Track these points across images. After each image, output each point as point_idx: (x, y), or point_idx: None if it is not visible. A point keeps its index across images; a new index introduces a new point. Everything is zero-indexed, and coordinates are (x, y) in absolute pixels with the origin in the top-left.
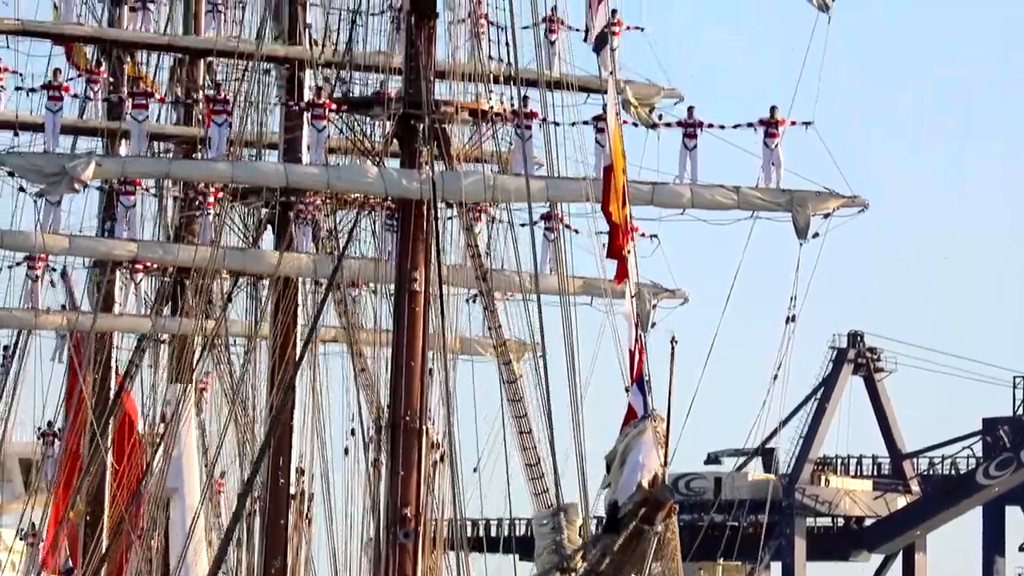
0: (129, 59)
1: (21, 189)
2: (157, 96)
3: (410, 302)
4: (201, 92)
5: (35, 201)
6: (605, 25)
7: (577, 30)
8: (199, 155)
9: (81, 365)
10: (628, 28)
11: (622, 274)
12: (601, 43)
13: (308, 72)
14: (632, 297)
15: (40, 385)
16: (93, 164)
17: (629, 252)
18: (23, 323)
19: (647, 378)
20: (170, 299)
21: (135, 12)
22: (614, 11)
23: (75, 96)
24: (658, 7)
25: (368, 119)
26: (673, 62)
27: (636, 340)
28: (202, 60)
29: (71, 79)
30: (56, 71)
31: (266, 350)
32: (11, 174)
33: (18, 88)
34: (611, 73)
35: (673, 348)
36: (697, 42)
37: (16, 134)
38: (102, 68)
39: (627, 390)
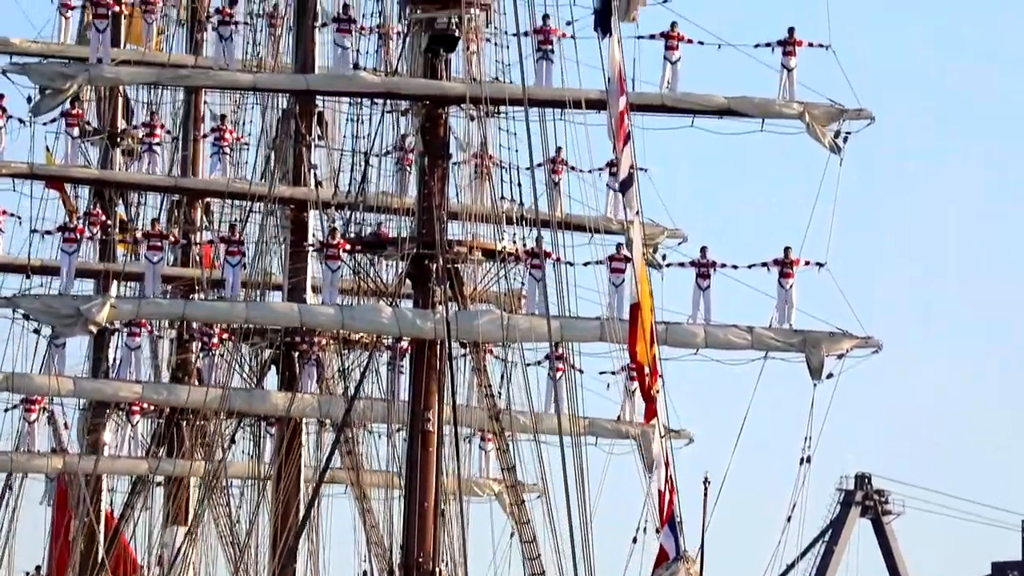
0: (121, 202)
1: (35, 331)
2: (172, 239)
3: (423, 442)
4: (200, 234)
5: (41, 343)
6: (631, 166)
7: (580, 170)
8: (199, 295)
9: (66, 507)
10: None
11: (651, 414)
12: (628, 184)
13: (312, 212)
14: (662, 437)
15: (32, 529)
16: (108, 306)
17: (658, 392)
18: (17, 467)
19: (679, 519)
20: (166, 440)
21: (128, 156)
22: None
23: (90, 238)
24: (663, 148)
25: (380, 259)
26: (681, 203)
27: (667, 481)
28: (200, 201)
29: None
30: (71, 213)
31: (269, 491)
32: (26, 316)
33: (34, 231)
34: (637, 213)
35: (706, 489)
36: (707, 181)
37: (28, 276)
38: (97, 209)
39: (657, 531)
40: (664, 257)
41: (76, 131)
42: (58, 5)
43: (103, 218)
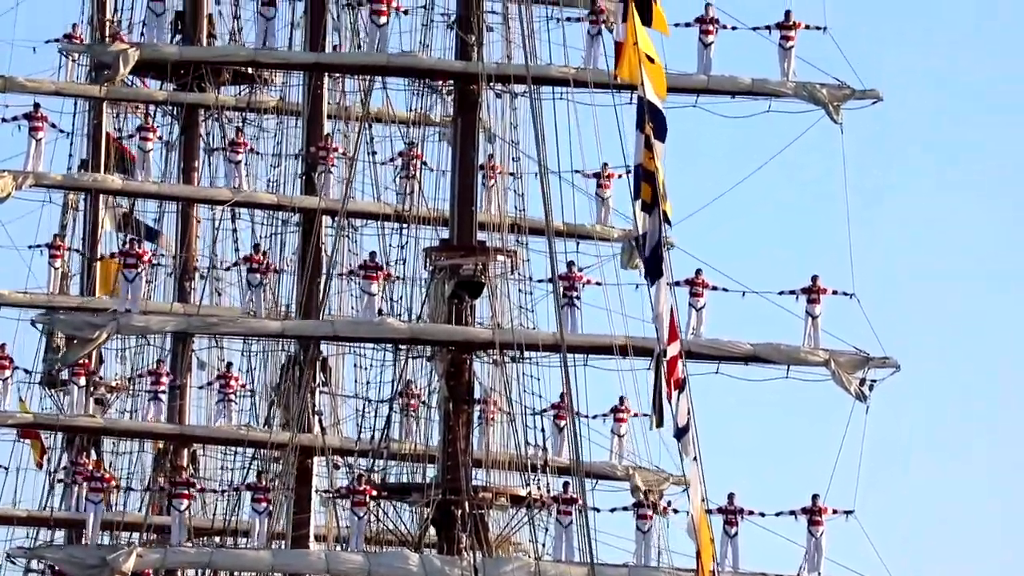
0: (94, 451)
1: None
2: (198, 486)
3: None
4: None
5: None
6: (687, 411)
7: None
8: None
9: None
10: (636, 415)
11: None
12: (684, 431)
13: (316, 459)
14: None
15: None
16: (134, 555)
17: None
18: None
19: None
20: None
21: (99, 404)
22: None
23: (117, 488)
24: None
25: (405, 505)
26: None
27: None
28: (186, 449)
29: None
30: (98, 463)
31: None
32: (52, 568)
33: (60, 481)
34: (694, 459)
35: None
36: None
37: (51, 528)
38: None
39: None
40: (670, 503)
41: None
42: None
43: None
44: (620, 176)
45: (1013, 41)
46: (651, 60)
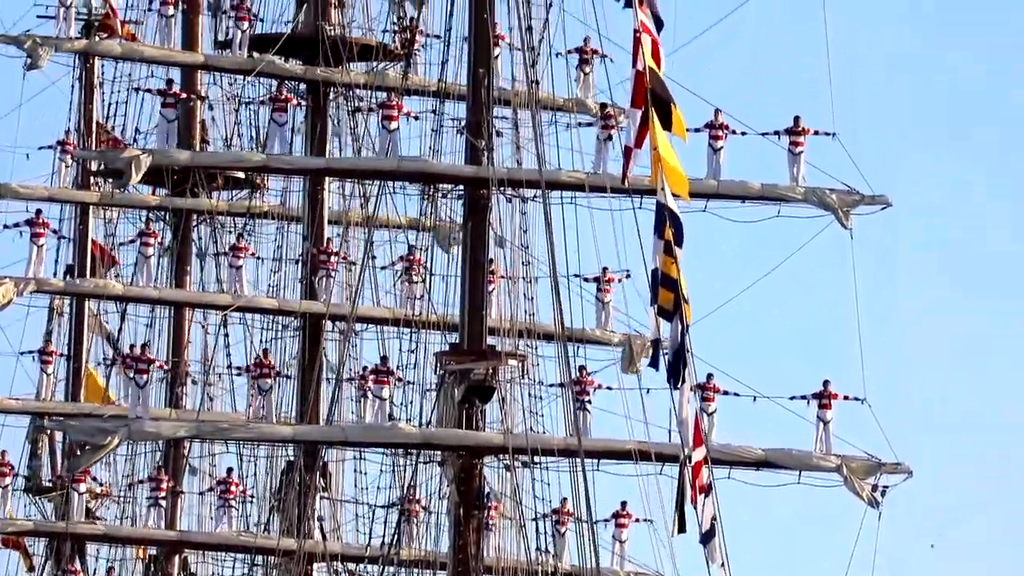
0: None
1: None
2: None
3: None
4: None
5: None
6: (712, 517)
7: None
8: None
9: None
10: (638, 520)
11: None
12: (709, 536)
13: (316, 565)
14: None
15: None
16: None
17: None
18: None
19: None
20: None
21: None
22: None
23: None
24: None
25: None
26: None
27: None
28: (177, 556)
29: None
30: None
31: None
32: None
33: None
34: (722, 566)
35: None
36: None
37: None
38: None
39: None
40: None
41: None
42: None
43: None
44: (620, 280)
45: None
46: (671, 164)
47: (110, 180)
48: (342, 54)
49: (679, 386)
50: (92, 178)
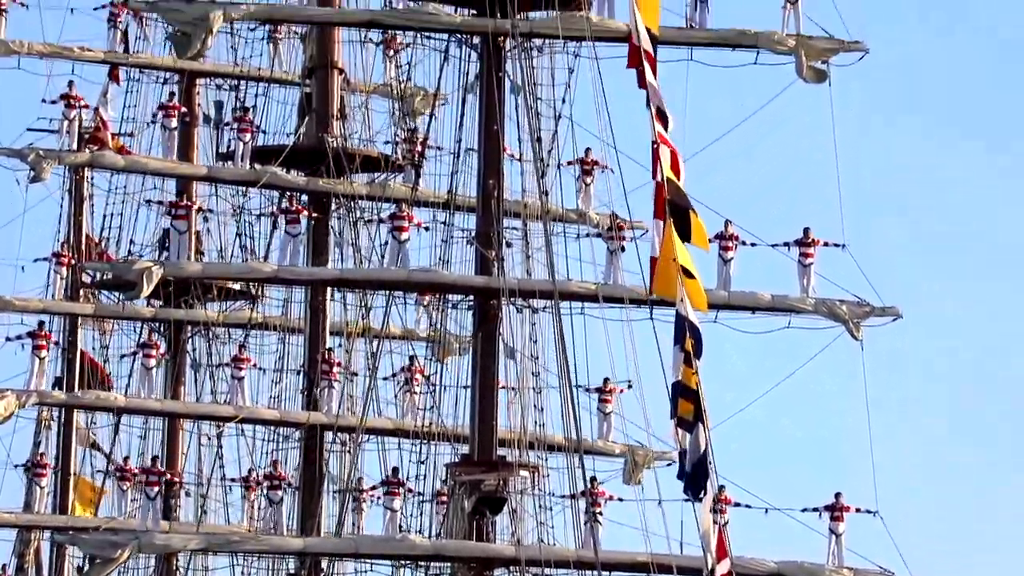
0: None
1: None
2: None
3: None
4: None
5: None
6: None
7: None
8: None
9: None
10: None
11: None
12: None
13: None
14: None
15: None
16: None
17: None
18: None
19: None
20: None
21: None
22: None
23: None
24: None
25: None
26: None
27: None
28: None
29: None
30: None
31: None
32: None
33: None
34: None
35: None
36: None
37: None
38: None
39: None
40: None
41: None
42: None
43: None
44: (622, 391)
45: None
46: (689, 275)
47: (104, 292)
48: (344, 166)
49: (700, 498)
50: (82, 290)
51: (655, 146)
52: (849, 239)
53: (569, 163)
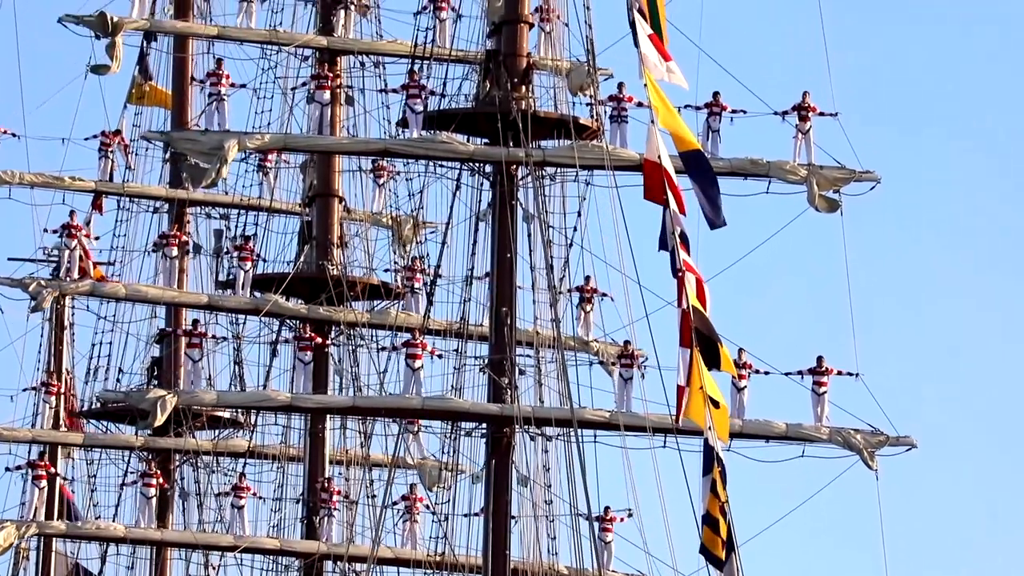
0: None
1: None
2: None
3: None
4: None
5: None
6: None
7: None
8: None
9: None
10: None
11: None
12: None
13: None
14: None
15: None
16: None
17: None
18: None
19: None
20: None
21: None
22: None
23: None
24: None
25: None
26: None
27: None
28: None
29: None
30: None
31: None
32: None
33: None
34: None
35: None
36: None
37: None
38: None
39: None
40: None
41: None
42: None
43: None
44: (622, 520)
45: None
46: (716, 405)
47: (91, 420)
48: (345, 294)
49: None
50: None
51: (680, 274)
52: (863, 368)
53: (569, 291)
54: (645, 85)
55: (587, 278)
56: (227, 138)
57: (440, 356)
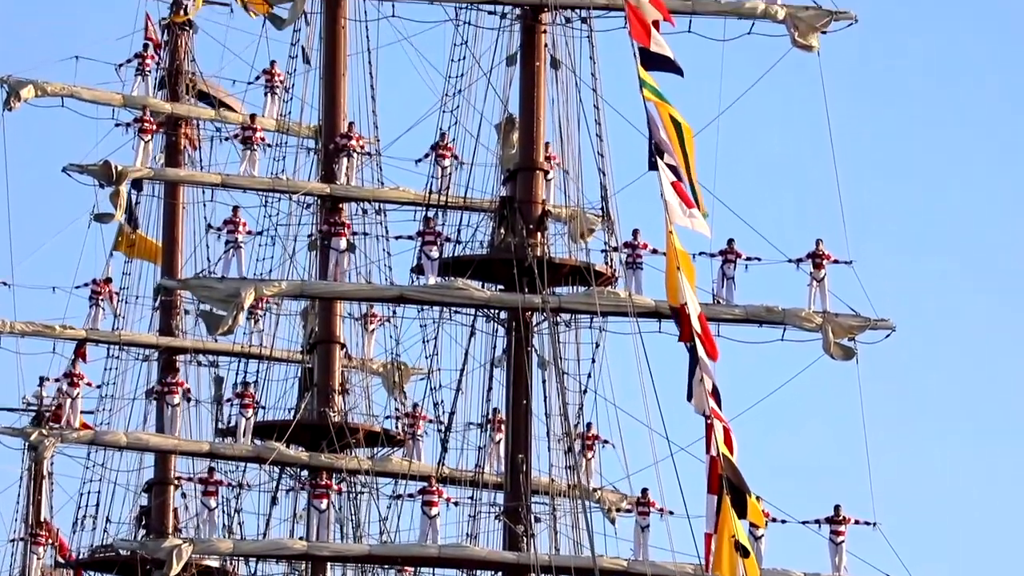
0: None
1: None
2: None
3: None
4: None
5: None
6: None
7: None
8: None
9: None
10: None
11: None
12: None
13: None
14: None
15: None
16: None
17: None
18: None
19: None
20: None
21: None
22: None
23: None
24: None
25: None
26: None
27: None
28: None
29: None
30: None
31: None
32: None
33: None
34: None
35: None
36: None
37: None
38: None
39: None
40: None
41: None
42: None
43: None
44: None
45: None
46: (745, 553)
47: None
48: (348, 440)
49: None
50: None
51: (708, 421)
52: (880, 516)
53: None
54: (670, 232)
55: (588, 425)
56: (244, 286)
57: (456, 504)
